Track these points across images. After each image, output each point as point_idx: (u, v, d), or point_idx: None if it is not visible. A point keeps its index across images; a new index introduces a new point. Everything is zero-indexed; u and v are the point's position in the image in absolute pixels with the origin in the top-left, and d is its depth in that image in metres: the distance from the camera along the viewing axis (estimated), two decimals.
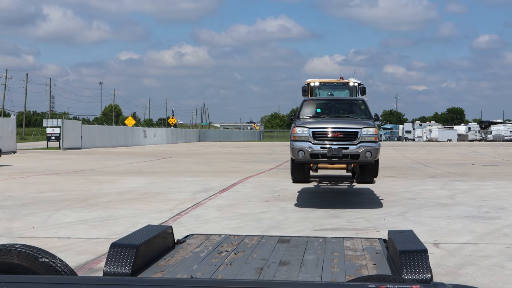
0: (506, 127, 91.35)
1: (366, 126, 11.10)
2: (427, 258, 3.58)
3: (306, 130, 11.06)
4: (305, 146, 10.91)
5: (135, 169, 22.46)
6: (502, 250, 7.27)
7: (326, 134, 10.97)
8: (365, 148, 10.81)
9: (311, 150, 10.88)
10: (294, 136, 11.14)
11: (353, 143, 10.84)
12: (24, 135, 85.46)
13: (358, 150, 10.80)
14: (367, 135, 10.91)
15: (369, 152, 10.78)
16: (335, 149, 10.76)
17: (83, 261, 6.62)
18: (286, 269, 4.00)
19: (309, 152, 10.88)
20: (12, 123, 36.44)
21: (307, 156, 10.92)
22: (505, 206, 11.36)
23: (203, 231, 8.24)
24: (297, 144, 11.00)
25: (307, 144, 10.92)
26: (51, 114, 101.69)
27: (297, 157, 11.05)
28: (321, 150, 10.85)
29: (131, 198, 12.71)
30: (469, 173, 19.92)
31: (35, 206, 11.27)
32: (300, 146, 10.94)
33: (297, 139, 11.06)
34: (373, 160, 11.00)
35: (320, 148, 10.87)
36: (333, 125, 11.15)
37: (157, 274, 3.85)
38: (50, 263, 3.16)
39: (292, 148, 11.09)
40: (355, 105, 13.18)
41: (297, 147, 10.97)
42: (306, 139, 10.95)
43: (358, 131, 10.93)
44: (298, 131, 11.13)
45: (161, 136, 67.28)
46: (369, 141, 10.88)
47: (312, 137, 10.95)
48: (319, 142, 10.94)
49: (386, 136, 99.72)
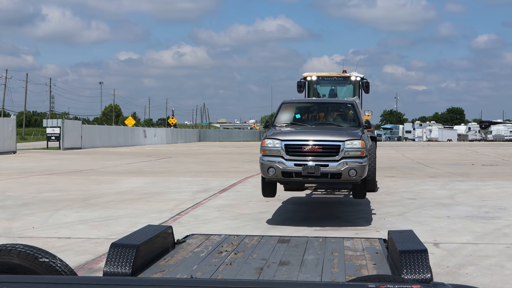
0: (506, 127, 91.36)
1: (351, 137, 9.09)
2: (427, 258, 3.58)
3: (278, 142, 9.10)
4: (276, 162, 9.01)
5: (135, 169, 22.46)
6: (502, 250, 7.27)
7: (302, 148, 9.01)
8: (349, 165, 8.84)
9: (283, 167, 8.96)
10: (264, 149, 9.21)
11: (333, 159, 8.90)
12: (24, 135, 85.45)
13: (339, 168, 8.85)
14: (351, 149, 8.95)
15: (353, 170, 8.82)
16: (312, 166, 8.86)
17: (83, 261, 6.62)
18: (286, 269, 4.00)
19: (280, 170, 8.97)
20: (12, 123, 36.44)
21: (278, 174, 9.01)
22: (505, 206, 11.36)
23: (203, 231, 8.24)
24: (267, 159, 9.10)
25: (279, 159, 9.02)
26: (51, 114, 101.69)
27: (267, 175, 9.10)
28: (295, 168, 8.94)
29: (131, 198, 12.71)
30: (469, 173, 19.92)
31: (35, 206, 11.27)
32: (271, 162, 9.03)
33: (267, 154, 9.15)
34: (358, 179, 9.01)
35: (294, 165, 8.95)
36: (309, 137, 9.16)
37: (157, 274, 3.85)
38: (50, 263, 3.16)
39: (262, 164, 9.16)
40: (342, 109, 11.08)
41: (267, 164, 9.06)
42: (278, 154, 9.04)
43: (340, 144, 8.95)
44: (268, 143, 9.19)
45: (161, 136, 67.28)
46: (353, 156, 8.94)
47: (285, 151, 9.01)
48: (293, 157, 9.00)
49: (386, 136, 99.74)
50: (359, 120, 10.30)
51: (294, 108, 10.92)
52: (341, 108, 11.17)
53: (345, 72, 15.62)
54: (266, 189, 9.69)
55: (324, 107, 11.41)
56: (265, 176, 9.21)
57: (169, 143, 67.56)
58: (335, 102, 12.20)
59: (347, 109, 10.88)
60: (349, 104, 10.91)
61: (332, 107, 11.43)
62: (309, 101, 12.49)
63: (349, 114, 10.76)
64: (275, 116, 10.58)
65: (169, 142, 67.90)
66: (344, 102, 11.43)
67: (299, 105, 11.22)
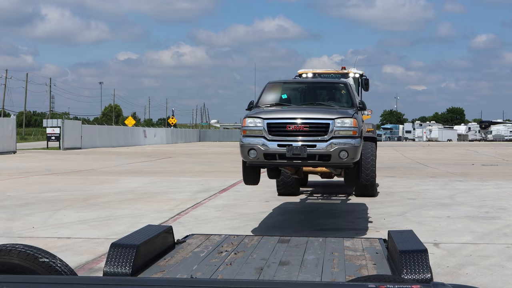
0: (506, 127, 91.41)
1: (341, 116, 8.19)
2: (427, 258, 3.59)
3: (259, 121, 8.26)
4: (257, 143, 8.15)
5: (135, 169, 22.47)
6: (502, 250, 7.27)
7: (286, 127, 8.17)
8: (339, 145, 7.99)
9: (265, 148, 8.11)
10: (244, 130, 8.35)
11: (322, 139, 8.06)
12: (24, 135, 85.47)
13: (328, 149, 8.01)
14: (342, 128, 8.09)
15: (344, 151, 8.00)
16: (297, 147, 8.01)
17: (83, 261, 6.62)
18: (286, 269, 4.00)
19: (262, 152, 8.13)
20: (12, 123, 36.45)
21: (260, 156, 8.16)
22: (505, 206, 11.36)
23: (203, 231, 8.24)
24: (247, 141, 8.23)
25: (261, 140, 8.16)
26: (51, 114, 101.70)
27: (248, 158, 8.26)
28: (279, 149, 8.09)
29: (131, 198, 12.71)
30: (469, 173, 19.92)
31: (35, 206, 11.27)
32: (252, 144, 8.19)
33: (248, 134, 8.27)
34: (350, 161, 8.13)
35: (278, 146, 8.10)
36: (294, 115, 8.33)
37: (157, 274, 3.85)
38: (50, 263, 3.16)
39: (242, 146, 8.28)
40: (334, 90, 10.09)
41: (247, 145, 8.20)
42: (260, 134, 8.20)
43: (329, 122, 8.09)
44: (249, 122, 8.31)
45: (161, 136, 67.29)
46: (344, 136, 8.09)
47: (268, 131, 8.16)
48: (276, 138, 8.15)
49: (386, 136, 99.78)
50: (352, 101, 9.32)
51: (281, 88, 9.92)
52: (332, 88, 10.17)
53: (344, 68, 15.15)
54: (248, 175, 8.79)
55: (314, 87, 10.30)
56: (245, 159, 8.36)
57: (169, 143, 67.57)
58: (326, 81, 11.22)
59: (340, 89, 9.90)
60: (341, 84, 9.95)
61: (323, 87, 10.41)
62: (297, 81, 11.39)
63: (341, 94, 9.76)
64: (259, 97, 9.54)
65: (169, 142, 67.91)
66: (336, 82, 10.61)
67: (286, 85, 10.17)
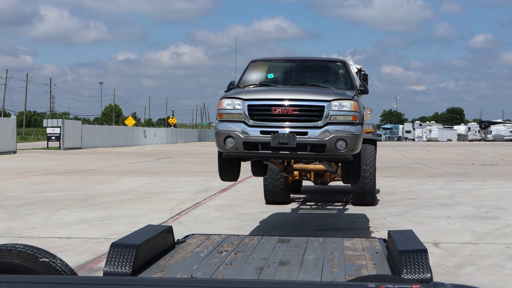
0: (506, 127, 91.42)
1: (339, 97, 6.82)
2: (427, 258, 3.59)
3: (239, 103, 6.83)
4: (236, 129, 6.76)
5: (135, 169, 22.47)
6: (501, 250, 7.27)
7: (271, 110, 6.74)
8: (336, 133, 6.62)
9: (246, 136, 6.71)
10: (221, 113, 6.93)
11: (315, 126, 6.67)
12: (24, 135, 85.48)
13: (322, 137, 6.61)
14: (339, 112, 6.72)
15: (342, 140, 6.61)
16: (285, 134, 6.60)
17: (83, 261, 6.62)
18: (286, 269, 4.01)
19: (241, 140, 6.72)
20: (12, 123, 36.45)
21: (239, 146, 6.75)
22: (505, 206, 11.37)
23: (203, 231, 8.24)
24: (224, 126, 6.84)
25: (240, 126, 6.76)
26: (51, 114, 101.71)
27: (224, 148, 6.85)
28: (262, 137, 6.67)
29: (131, 198, 12.71)
30: (469, 173, 19.92)
31: (35, 206, 11.27)
32: (229, 130, 6.79)
33: (224, 119, 6.89)
34: (349, 153, 6.76)
35: (260, 133, 6.69)
36: (282, 95, 6.91)
37: (157, 274, 3.85)
38: (50, 263, 3.17)
39: (217, 133, 6.90)
40: (330, 69, 8.52)
41: (223, 132, 6.81)
42: (239, 118, 6.79)
43: (324, 105, 6.70)
44: (226, 104, 6.88)
45: (161, 136, 67.29)
46: (343, 122, 6.70)
47: (248, 115, 6.76)
48: (259, 123, 6.75)
49: (386, 136, 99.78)
50: (352, 83, 7.85)
51: (267, 67, 8.44)
52: (328, 67, 8.60)
53: None
54: (224, 169, 7.41)
55: (306, 66, 8.67)
56: (221, 149, 6.95)
57: (169, 143, 67.56)
58: (321, 59, 9.23)
59: (337, 69, 8.39)
60: (339, 63, 8.50)
61: (317, 66, 8.76)
62: (287, 58, 9.34)
63: (338, 75, 8.26)
64: (240, 77, 8.07)
65: (169, 142, 67.90)
66: (333, 60, 8.95)
67: (273, 64, 8.64)
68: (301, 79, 8.17)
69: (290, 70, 8.49)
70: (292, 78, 8.28)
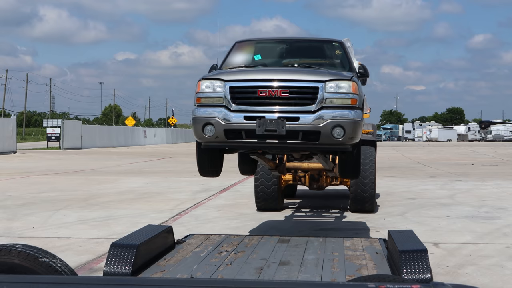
0: (506, 127, 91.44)
1: (335, 77, 6.00)
2: (427, 258, 3.59)
3: (219, 85, 6.01)
4: (216, 115, 5.93)
5: (135, 169, 22.47)
6: (502, 250, 7.27)
7: (257, 93, 5.91)
8: (332, 119, 5.80)
9: (227, 123, 5.89)
10: (199, 97, 6.09)
11: (307, 110, 5.86)
12: (24, 135, 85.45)
13: (316, 124, 5.79)
14: (336, 94, 5.88)
15: (339, 127, 5.79)
16: (273, 120, 5.79)
17: (83, 261, 6.62)
18: (286, 269, 4.01)
19: (223, 127, 5.90)
20: (12, 123, 36.46)
21: (219, 135, 5.92)
22: (505, 206, 11.36)
23: (203, 231, 8.24)
24: (202, 112, 6.01)
25: (221, 112, 5.93)
26: (51, 114, 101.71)
27: (203, 137, 6.02)
28: (246, 124, 5.86)
29: (131, 198, 12.72)
30: (469, 173, 19.92)
31: (35, 206, 11.27)
32: (208, 116, 5.96)
33: (203, 103, 6.06)
34: (348, 143, 5.90)
35: (244, 119, 5.88)
36: (269, 75, 6.08)
37: (157, 274, 3.85)
38: (50, 263, 3.17)
39: (194, 120, 6.05)
40: (324, 51, 7.63)
41: (201, 118, 5.99)
42: (220, 103, 5.98)
43: (319, 86, 5.89)
44: (205, 87, 6.06)
45: (161, 136, 67.29)
46: (340, 106, 5.88)
47: (231, 99, 5.94)
48: (243, 107, 5.93)
49: (386, 136, 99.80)
50: (350, 65, 7.05)
51: (253, 48, 7.58)
52: (323, 48, 7.69)
53: None
54: (203, 163, 6.57)
55: (298, 47, 7.77)
56: (200, 139, 6.11)
57: (169, 143, 67.56)
58: (315, 39, 8.23)
59: (333, 49, 7.50)
60: (335, 43, 7.56)
61: (310, 47, 7.84)
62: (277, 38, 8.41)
63: (335, 56, 7.40)
64: (224, 59, 7.26)
65: (169, 142, 67.91)
66: (328, 40, 7.79)
67: (260, 44, 7.78)
68: (292, 61, 7.24)
69: (280, 51, 7.61)
70: (283, 60, 7.39)
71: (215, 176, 6.86)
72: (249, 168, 8.28)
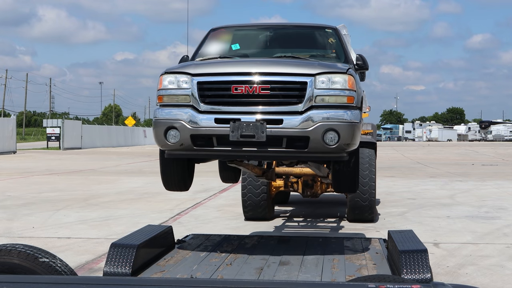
0: (506, 127, 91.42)
1: (328, 69, 4.91)
2: (427, 258, 3.59)
3: (185, 80, 4.97)
4: (181, 118, 4.90)
5: (135, 169, 22.47)
6: (502, 250, 7.27)
7: (231, 89, 4.82)
8: (323, 121, 4.74)
9: (195, 127, 4.84)
10: (161, 95, 5.09)
11: (293, 110, 4.79)
12: (24, 135, 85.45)
13: (304, 127, 4.73)
14: (329, 90, 4.81)
15: (332, 131, 4.73)
16: (250, 124, 4.72)
17: (83, 261, 6.62)
18: (286, 269, 4.01)
19: (189, 132, 4.86)
20: (12, 123, 36.46)
21: (185, 141, 4.89)
22: (505, 206, 11.36)
23: (203, 231, 8.24)
24: (164, 113, 5.00)
25: (187, 112, 4.89)
26: (51, 114, 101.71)
27: (166, 144, 5.03)
28: (217, 128, 4.81)
29: (131, 198, 12.72)
30: (469, 173, 19.92)
31: (35, 206, 11.27)
32: (171, 119, 4.94)
33: (165, 102, 5.05)
34: (343, 150, 4.83)
35: (215, 122, 4.82)
36: (246, 68, 4.96)
37: (157, 274, 3.85)
38: (50, 263, 3.17)
39: (155, 123, 5.06)
40: (316, 39, 6.40)
41: (163, 121, 4.98)
42: (186, 102, 4.93)
43: (307, 81, 4.80)
44: (168, 82, 5.06)
45: None
46: (333, 105, 4.83)
47: (199, 97, 4.88)
48: (214, 107, 4.88)
49: (386, 136, 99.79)
50: (345, 55, 5.95)
51: (231, 36, 6.45)
52: (314, 36, 6.44)
53: None
54: (168, 174, 5.75)
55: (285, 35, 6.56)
56: (162, 146, 5.14)
57: None
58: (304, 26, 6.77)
59: (325, 37, 6.33)
60: (328, 30, 6.37)
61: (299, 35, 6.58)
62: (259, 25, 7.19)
63: (328, 45, 6.26)
64: (195, 51, 6.31)
65: None
66: (320, 26, 6.53)
67: (240, 32, 6.60)
68: (277, 51, 6.10)
69: (262, 40, 6.44)
70: (265, 50, 6.28)
71: (183, 191, 5.74)
72: (232, 174, 7.28)
